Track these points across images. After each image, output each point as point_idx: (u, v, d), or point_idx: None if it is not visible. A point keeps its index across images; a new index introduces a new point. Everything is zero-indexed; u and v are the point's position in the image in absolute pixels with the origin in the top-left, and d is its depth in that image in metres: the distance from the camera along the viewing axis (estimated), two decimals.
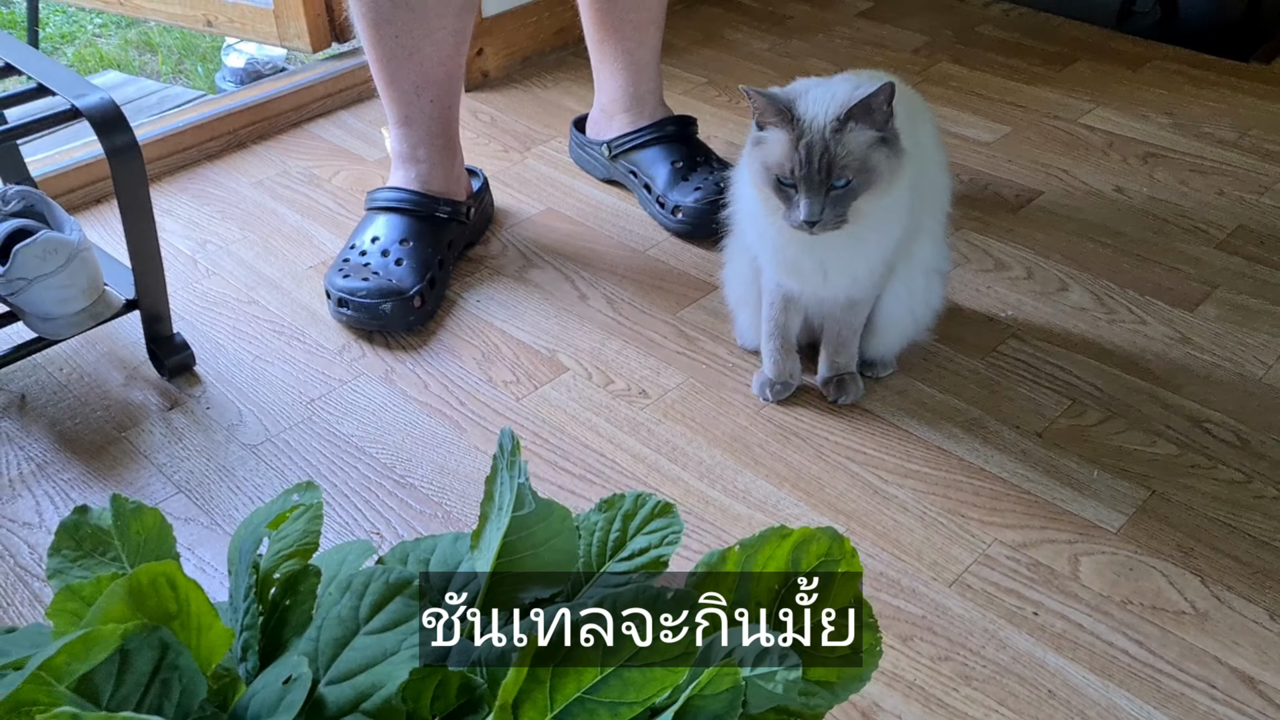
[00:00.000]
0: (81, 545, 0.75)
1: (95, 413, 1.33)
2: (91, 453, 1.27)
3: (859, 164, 1.07)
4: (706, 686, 0.64)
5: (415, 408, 1.32)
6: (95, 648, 0.57)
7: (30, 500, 1.21)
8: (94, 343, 1.44)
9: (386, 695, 0.60)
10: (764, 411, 1.28)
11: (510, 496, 0.74)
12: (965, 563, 1.08)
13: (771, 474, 1.20)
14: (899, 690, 0.96)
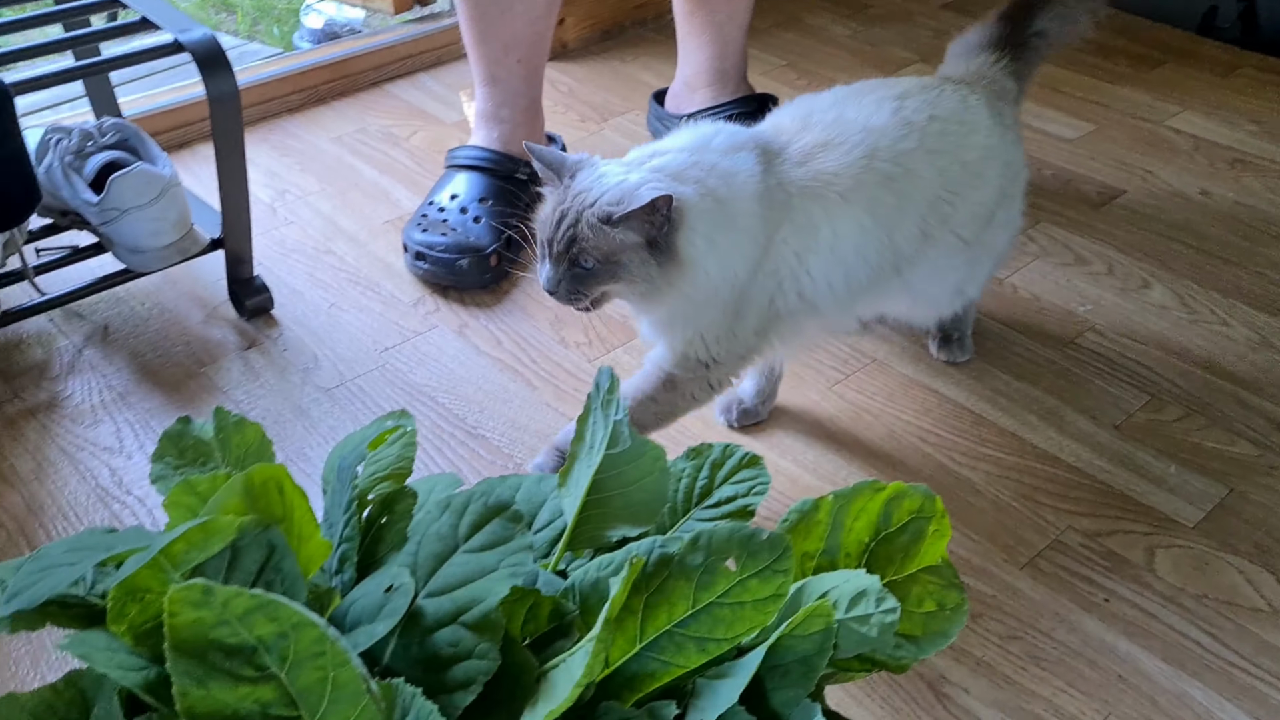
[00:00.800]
0: (184, 455, 0.76)
1: (175, 347, 1.35)
2: (171, 385, 1.29)
3: (605, 256, 0.97)
4: (798, 627, 0.64)
5: (488, 362, 1.33)
6: (213, 538, 0.58)
7: (111, 426, 1.23)
8: (176, 280, 1.46)
9: (486, 609, 0.61)
10: (836, 388, 1.28)
11: (604, 434, 0.74)
12: (1038, 547, 1.07)
13: (842, 449, 1.19)
14: (967, 665, 0.96)
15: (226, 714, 0.51)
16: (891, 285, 1.11)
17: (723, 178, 0.99)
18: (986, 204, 1.13)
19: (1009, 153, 1.15)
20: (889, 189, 1.05)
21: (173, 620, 0.50)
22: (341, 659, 0.52)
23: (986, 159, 1.11)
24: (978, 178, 1.11)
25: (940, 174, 1.08)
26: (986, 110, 1.13)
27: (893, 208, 1.05)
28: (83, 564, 0.64)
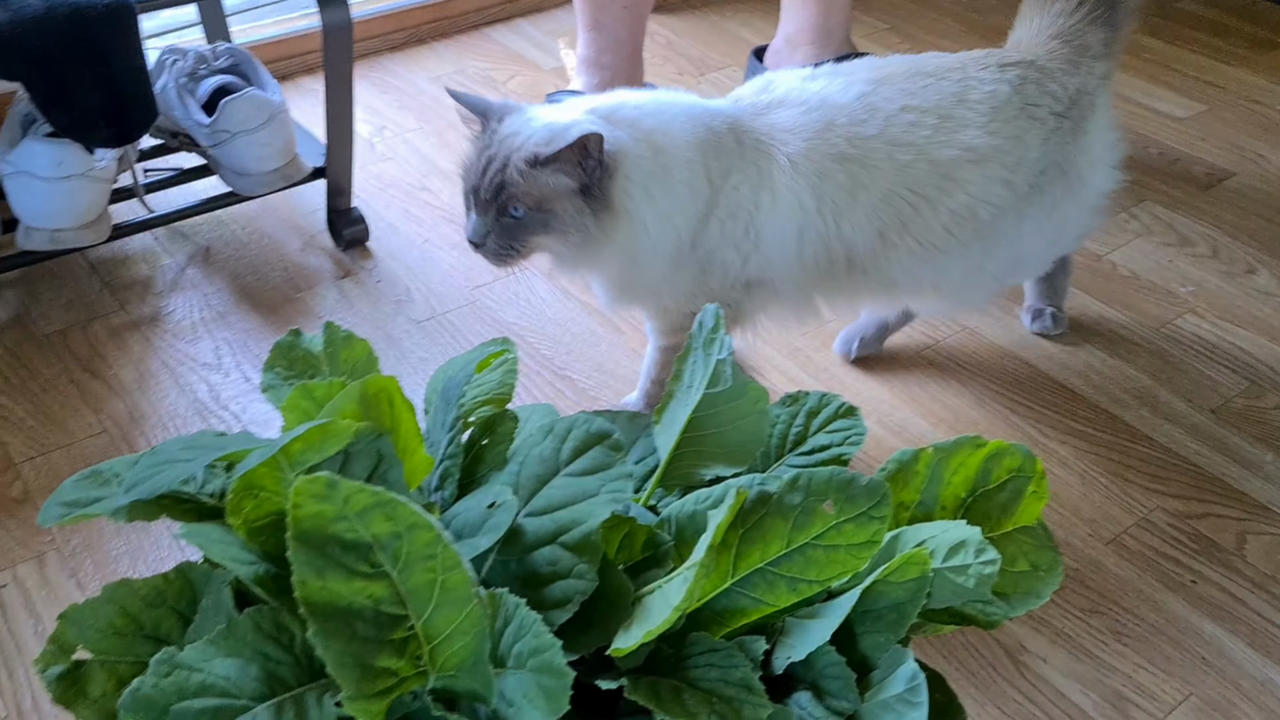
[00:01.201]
0: (293, 366, 0.78)
1: (274, 272, 1.38)
2: (269, 308, 1.32)
3: (536, 203, 0.91)
4: (893, 573, 0.64)
5: (577, 306, 1.34)
6: (330, 440, 0.59)
7: (210, 344, 1.27)
8: (275, 208, 1.49)
9: (587, 531, 0.62)
10: (925, 353, 1.27)
11: (704, 374, 0.74)
12: (1124, 524, 1.05)
13: (929, 414, 1.19)
14: (1046, 635, 0.95)
15: (340, 605, 0.52)
16: (858, 282, 1.04)
17: (662, 123, 0.95)
18: (973, 212, 1.01)
19: (1027, 151, 1.01)
20: (842, 168, 0.97)
21: (296, 511, 0.51)
22: (452, 563, 0.53)
23: (972, 162, 0.99)
24: (951, 181, 1.00)
25: (901, 170, 0.98)
26: (999, 104, 1.00)
27: (843, 189, 0.98)
28: (198, 461, 0.66)
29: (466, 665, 0.56)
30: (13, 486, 1.08)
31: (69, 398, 1.18)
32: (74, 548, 1.02)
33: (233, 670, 0.57)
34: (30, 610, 0.96)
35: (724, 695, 0.59)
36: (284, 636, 0.59)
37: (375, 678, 0.54)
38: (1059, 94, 1.04)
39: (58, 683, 0.65)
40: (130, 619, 0.66)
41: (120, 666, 0.66)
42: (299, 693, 0.57)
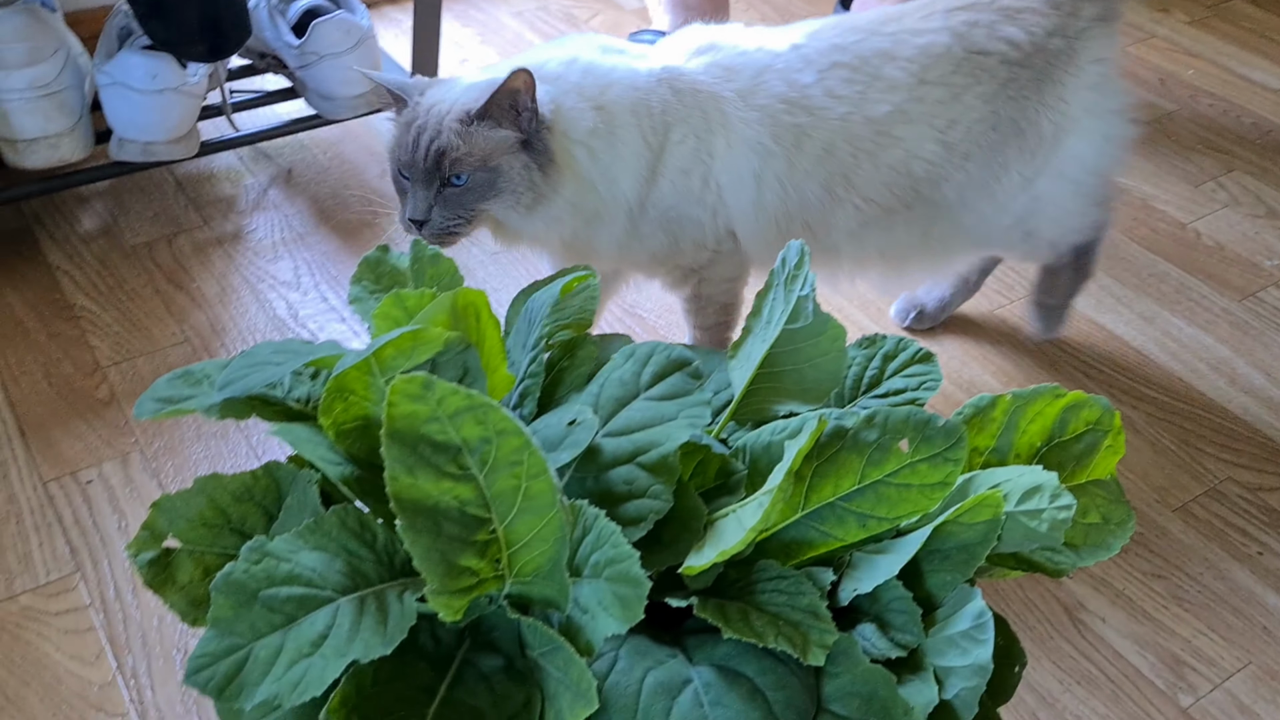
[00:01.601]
0: (380, 280, 0.80)
1: (353, 197, 1.40)
2: (347, 231, 1.34)
3: (480, 162, 0.87)
4: (964, 514, 0.64)
5: None
6: (421, 347, 0.61)
7: (290, 263, 1.29)
8: (356, 135, 1.51)
9: (664, 453, 0.63)
10: (999, 312, 1.26)
11: (783, 310, 0.75)
12: (1193, 492, 1.05)
13: (999, 371, 1.18)
14: (1106, 595, 0.95)
15: (428, 504, 0.54)
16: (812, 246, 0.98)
17: (598, 83, 0.92)
18: (909, 169, 0.97)
19: (965, 110, 0.95)
20: (786, 108, 0.94)
21: (391, 410, 0.53)
22: (538, 470, 0.54)
23: (908, 121, 0.95)
24: (887, 137, 0.95)
25: (841, 121, 0.95)
26: (932, 58, 0.95)
27: (789, 130, 0.94)
28: (289, 364, 0.68)
29: (543, 571, 0.57)
30: (100, 389, 1.12)
31: (154, 307, 1.22)
32: (156, 450, 1.05)
33: (318, 563, 0.59)
34: (114, 506, 1.00)
35: (790, 620, 0.60)
36: (367, 534, 0.61)
37: (457, 575, 0.55)
38: (1018, 40, 0.96)
39: (148, 567, 0.67)
40: (218, 511, 0.69)
41: (207, 556, 0.69)
42: (380, 589, 0.59)
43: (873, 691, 0.59)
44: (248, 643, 0.56)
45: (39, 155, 1.17)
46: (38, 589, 0.92)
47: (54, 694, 0.85)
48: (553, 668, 0.57)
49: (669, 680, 0.58)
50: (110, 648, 0.88)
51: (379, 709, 0.56)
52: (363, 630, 0.56)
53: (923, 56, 0.95)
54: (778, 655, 0.59)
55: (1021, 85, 0.97)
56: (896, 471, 0.65)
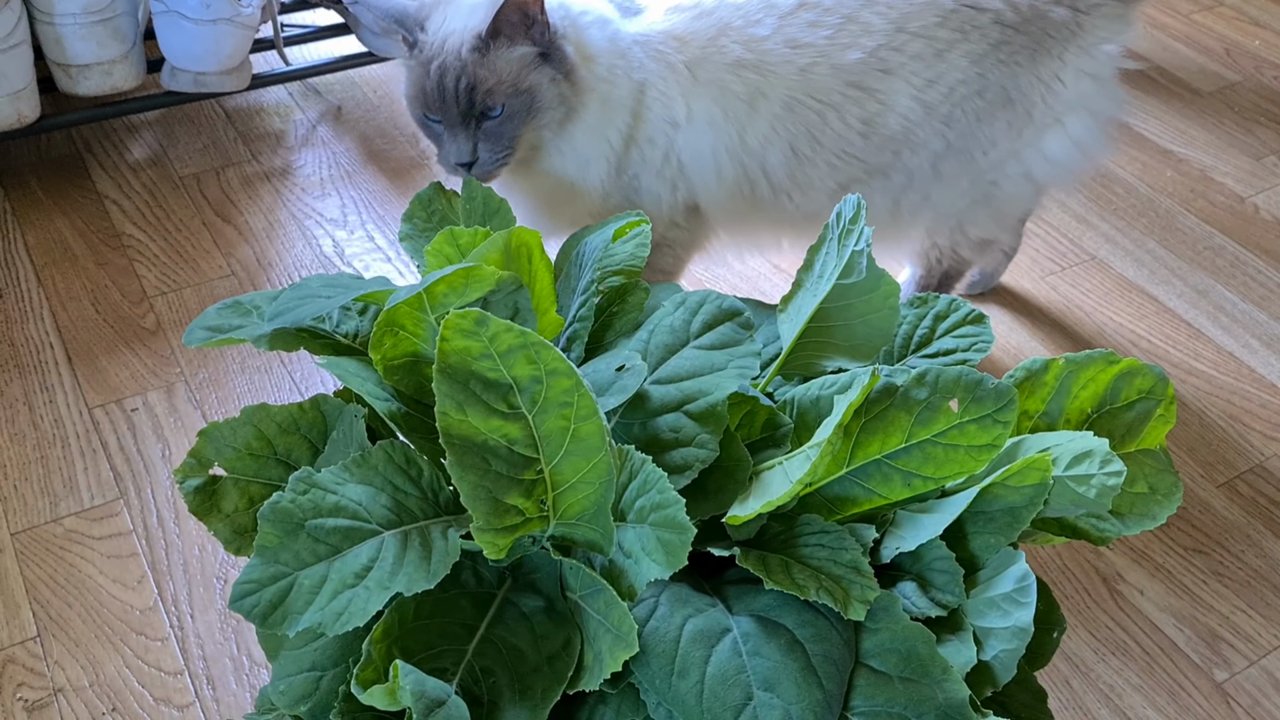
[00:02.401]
0: (431, 218, 0.79)
1: (401, 137, 1.40)
2: (393, 171, 1.34)
3: (510, 88, 0.84)
4: (1011, 477, 0.63)
5: None
6: (474, 284, 0.60)
7: (337, 200, 1.29)
8: None
9: (712, 402, 0.63)
10: (1049, 279, 1.24)
11: (835, 265, 0.74)
12: (1239, 469, 1.03)
13: (1048, 340, 1.16)
14: (1145, 568, 0.94)
15: (477, 440, 0.54)
16: (785, 208, 0.95)
17: (594, 24, 0.89)
18: (889, 127, 0.91)
19: (949, 69, 0.89)
20: (737, 76, 0.89)
21: (444, 345, 0.52)
22: (588, 412, 0.54)
23: (882, 71, 0.89)
24: (859, 90, 0.89)
25: (801, 74, 0.89)
26: (918, 5, 0.89)
27: (741, 99, 0.89)
28: (339, 298, 0.68)
29: (588, 514, 0.57)
30: (146, 318, 1.12)
31: (201, 239, 1.22)
32: (200, 380, 1.06)
33: (364, 496, 0.59)
34: (159, 435, 1.01)
35: (832, 574, 0.60)
36: (412, 470, 0.61)
37: (503, 514, 0.56)
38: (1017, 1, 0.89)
39: (194, 494, 0.68)
40: (265, 441, 0.69)
41: (252, 486, 0.70)
42: (423, 524, 0.60)
43: (911, 649, 0.59)
44: (292, 571, 0.56)
45: (92, 82, 1.17)
46: (82, 513, 0.94)
47: (97, 615, 0.86)
48: (593, 610, 0.57)
49: (708, 628, 0.58)
50: (152, 574, 0.89)
51: (420, 642, 0.57)
52: (406, 564, 0.57)
53: (904, 3, 0.89)
54: (817, 608, 0.59)
55: (1014, 50, 0.90)
56: (945, 432, 0.64)
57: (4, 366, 1.05)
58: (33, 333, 1.09)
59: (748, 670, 0.57)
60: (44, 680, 0.82)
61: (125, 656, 0.83)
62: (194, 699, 0.81)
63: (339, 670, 0.59)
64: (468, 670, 0.57)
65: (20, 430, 0.99)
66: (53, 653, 0.83)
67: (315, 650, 0.60)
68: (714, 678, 0.56)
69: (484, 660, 0.58)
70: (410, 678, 0.51)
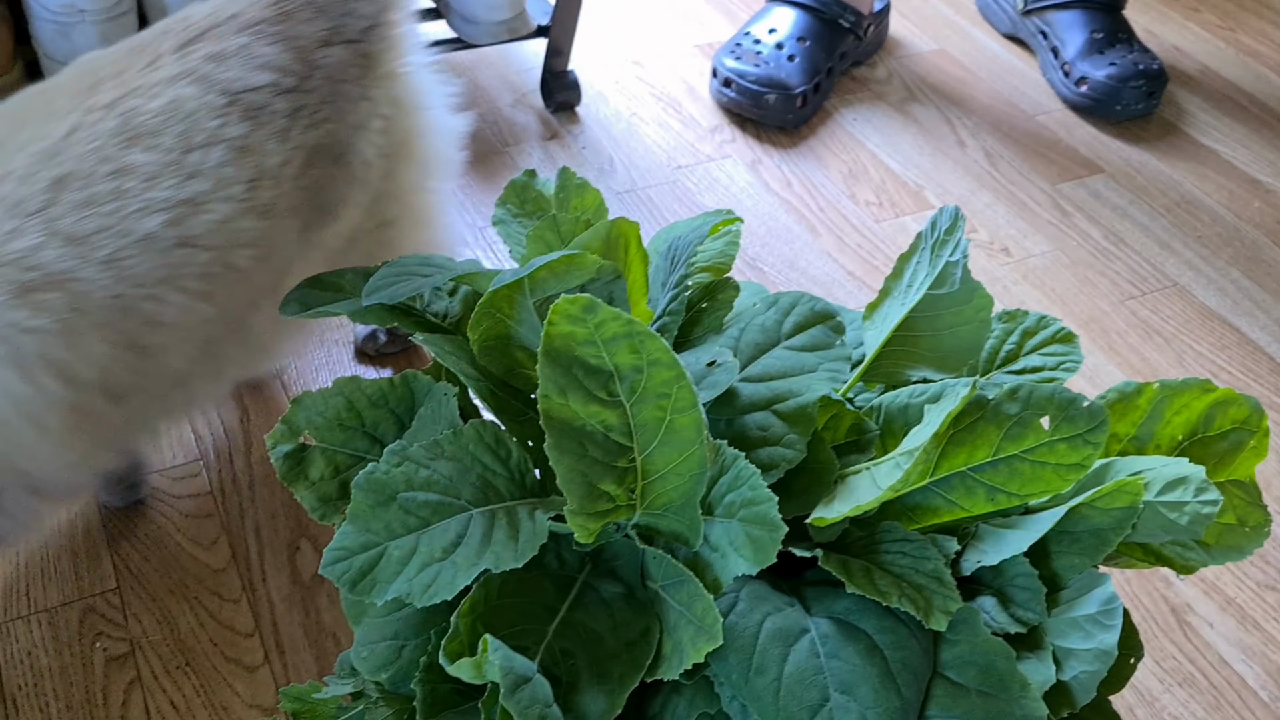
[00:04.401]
0: (524, 206, 0.80)
1: (484, 123, 1.41)
2: (475, 157, 1.35)
3: None
4: (1100, 499, 0.63)
5: (775, 201, 1.33)
6: (574, 271, 0.61)
7: None
8: (491, 62, 1.51)
9: (803, 403, 0.63)
10: (1129, 303, 1.22)
11: (926, 275, 0.74)
12: None
13: (1125, 364, 1.15)
14: (1216, 601, 0.93)
15: (576, 425, 0.55)
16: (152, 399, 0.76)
17: None
18: (238, 265, 0.74)
19: (285, 154, 0.74)
20: (32, 310, 0.67)
21: (550, 329, 0.53)
22: (686, 405, 0.54)
23: (199, 208, 0.71)
24: (186, 247, 0.71)
25: (108, 268, 0.69)
26: (207, 113, 0.71)
27: (52, 334, 0.68)
28: (435, 277, 0.69)
29: (676, 505, 0.58)
30: None
31: None
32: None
33: (454, 473, 0.60)
34: (238, 401, 1.03)
35: (914, 582, 0.60)
36: (502, 450, 0.62)
37: (596, 499, 0.56)
38: (281, 62, 0.74)
39: (284, 460, 0.69)
40: (354, 413, 0.70)
41: (339, 456, 0.71)
42: (510, 505, 0.60)
43: (991, 663, 0.59)
44: (383, 541, 0.57)
45: None
46: (164, 470, 0.96)
47: (173, 572, 0.88)
48: (675, 600, 0.58)
49: (787, 627, 0.58)
50: (227, 535, 0.91)
51: (504, 620, 0.57)
52: (494, 543, 0.57)
53: (173, 121, 0.70)
54: (897, 615, 0.59)
55: (315, 109, 0.76)
56: (1034, 448, 0.64)
57: None
58: None
59: (825, 671, 0.57)
60: (122, 631, 0.84)
61: (199, 614, 0.85)
62: (264, 661, 0.83)
63: (420, 641, 0.60)
64: (548, 651, 0.58)
65: None
66: (131, 605, 0.85)
67: (398, 620, 0.61)
68: (791, 676, 0.57)
69: (564, 642, 0.58)
70: (499, 653, 0.52)
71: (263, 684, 0.82)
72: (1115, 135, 1.48)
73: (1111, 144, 1.47)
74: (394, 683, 0.60)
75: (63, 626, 0.84)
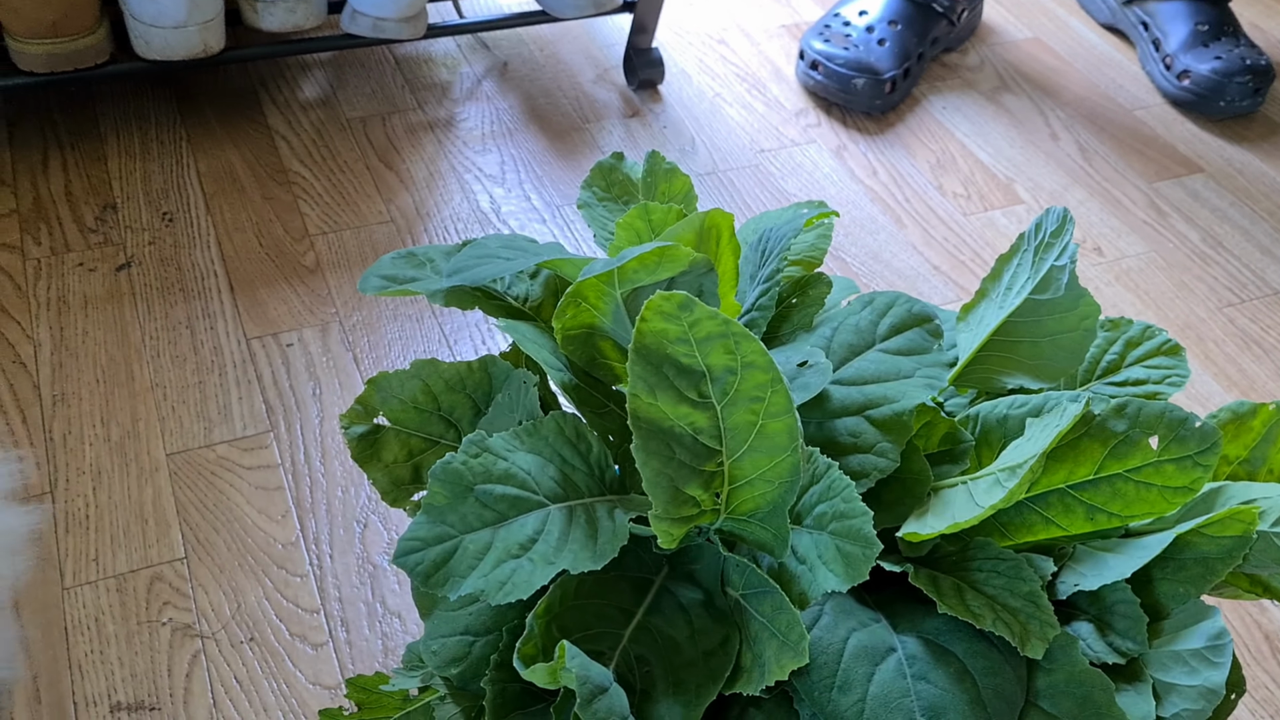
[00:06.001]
0: (610, 189, 0.78)
1: (564, 98, 1.39)
2: (555, 133, 1.33)
3: None
4: (1210, 526, 0.59)
5: (860, 189, 1.29)
6: (666, 264, 0.59)
7: (497, 157, 1.29)
8: (575, 36, 1.49)
9: (899, 410, 0.60)
10: (1227, 310, 1.17)
11: (1028, 279, 0.70)
12: None
13: (1221, 375, 1.10)
14: None
15: (664, 426, 0.53)
16: None
17: None
18: None
19: None
20: None
21: (643, 325, 0.51)
22: (780, 410, 0.52)
23: None
24: None
25: None
26: None
27: None
28: (519, 260, 0.67)
29: (762, 512, 0.55)
30: (306, 256, 1.14)
31: (363, 183, 1.23)
32: (354, 323, 1.07)
33: (533, 466, 0.58)
34: (311, 373, 1.02)
35: (1008, 605, 0.57)
36: (582, 445, 0.60)
37: (681, 503, 0.54)
38: None
39: (357, 441, 0.68)
40: (430, 396, 0.69)
41: (413, 439, 0.69)
42: (589, 501, 0.58)
43: (1088, 694, 0.55)
44: (458, 534, 0.55)
45: (276, 18, 1.18)
46: (234, 441, 0.95)
47: (241, 544, 0.88)
48: (757, 612, 0.56)
49: (873, 645, 0.56)
50: (296, 510, 0.90)
51: (578, 622, 0.56)
52: (571, 541, 0.55)
53: None
54: (989, 638, 0.56)
55: None
56: (1140, 469, 0.61)
57: (170, 289, 1.08)
58: (199, 259, 1.11)
59: (912, 694, 0.54)
60: (188, 602, 0.83)
61: (265, 588, 0.85)
62: (328, 639, 0.82)
63: (492, 638, 0.59)
64: (623, 656, 0.56)
65: (182, 353, 1.02)
66: (198, 576, 0.85)
67: (470, 614, 0.60)
68: (876, 698, 0.54)
69: (639, 648, 0.56)
70: (576, 661, 0.50)
71: (325, 663, 0.81)
72: (1216, 133, 1.42)
73: (1212, 142, 1.41)
74: (463, 679, 0.58)
75: (130, 594, 0.83)
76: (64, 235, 1.11)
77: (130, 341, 1.02)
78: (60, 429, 0.94)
